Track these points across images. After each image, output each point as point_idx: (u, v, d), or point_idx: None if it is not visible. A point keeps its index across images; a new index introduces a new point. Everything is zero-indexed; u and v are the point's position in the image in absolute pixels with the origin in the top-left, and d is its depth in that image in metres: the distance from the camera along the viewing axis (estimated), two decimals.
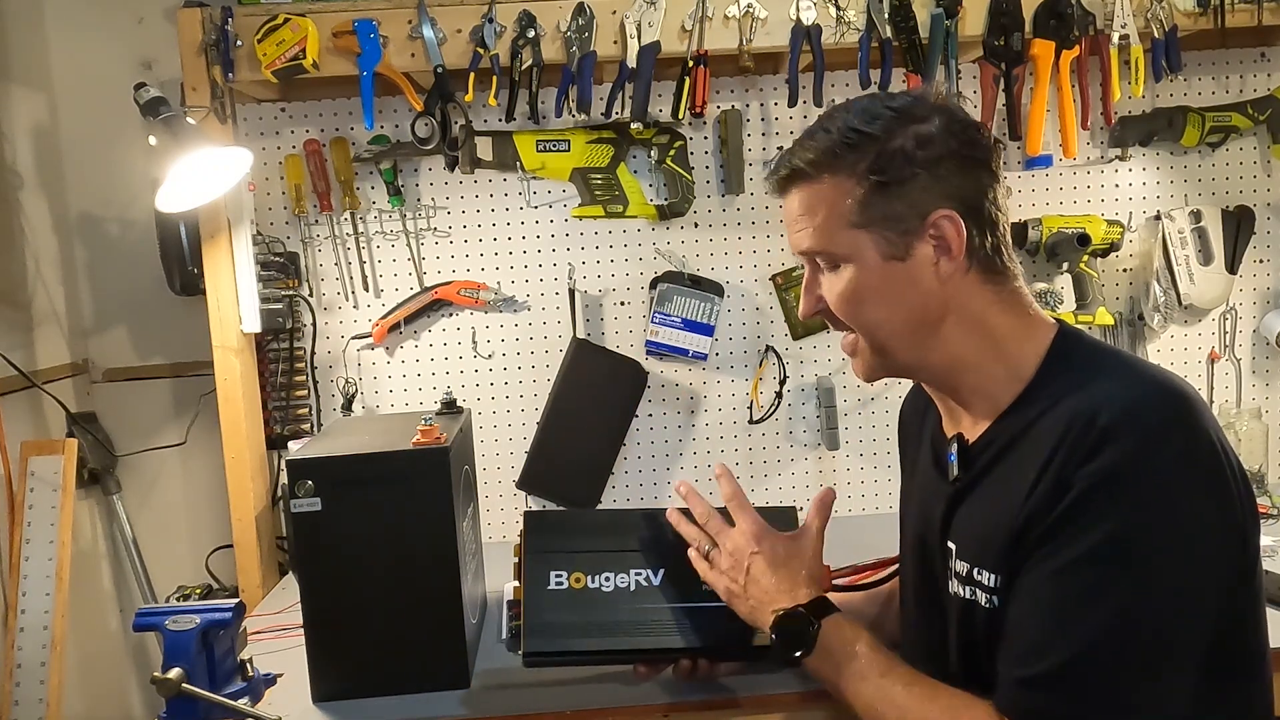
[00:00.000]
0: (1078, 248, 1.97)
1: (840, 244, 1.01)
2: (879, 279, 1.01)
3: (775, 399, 2.08)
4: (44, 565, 1.77)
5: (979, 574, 0.99)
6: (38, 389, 1.90)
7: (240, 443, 1.88)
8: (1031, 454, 0.95)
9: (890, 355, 1.05)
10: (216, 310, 1.86)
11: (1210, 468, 0.89)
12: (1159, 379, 0.95)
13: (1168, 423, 0.90)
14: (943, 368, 1.04)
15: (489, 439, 2.06)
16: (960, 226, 0.98)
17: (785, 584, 1.14)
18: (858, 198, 0.99)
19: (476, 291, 2.02)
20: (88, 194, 2.06)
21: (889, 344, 1.04)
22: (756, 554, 1.16)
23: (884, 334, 1.04)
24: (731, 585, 1.17)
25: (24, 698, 1.72)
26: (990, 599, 0.98)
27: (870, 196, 0.99)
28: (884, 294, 1.01)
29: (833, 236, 1.01)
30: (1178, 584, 0.88)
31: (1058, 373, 1.00)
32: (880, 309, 1.02)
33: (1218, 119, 2.02)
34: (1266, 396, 2.12)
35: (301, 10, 1.77)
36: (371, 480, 1.30)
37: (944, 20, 1.81)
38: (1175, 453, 0.88)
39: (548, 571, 1.26)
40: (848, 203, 1.00)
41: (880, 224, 0.99)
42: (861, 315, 1.04)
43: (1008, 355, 1.02)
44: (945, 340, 1.02)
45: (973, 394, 1.04)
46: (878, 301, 1.02)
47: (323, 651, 1.33)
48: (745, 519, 1.20)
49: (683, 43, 1.82)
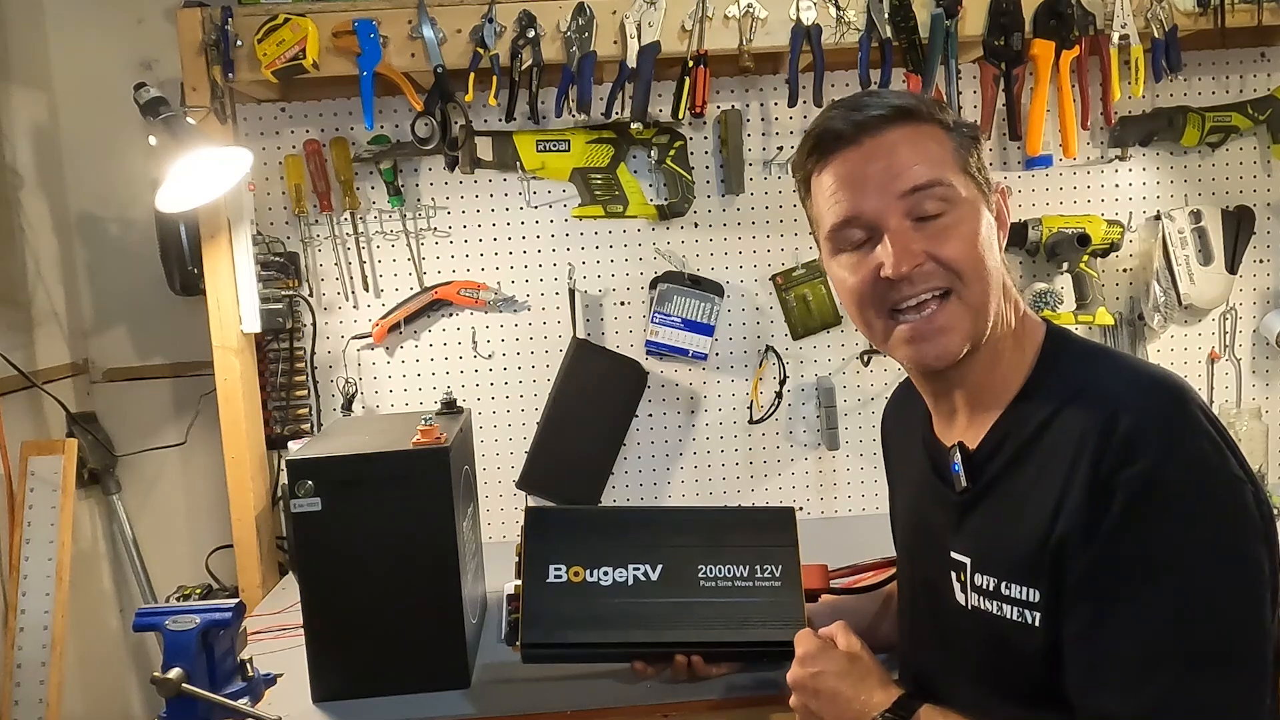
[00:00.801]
0: (1078, 248, 1.97)
1: (960, 183, 0.98)
2: (986, 227, 0.99)
3: (775, 399, 2.08)
4: (44, 565, 1.77)
5: (1009, 588, 0.96)
6: (38, 389, 1.90)
7: (240, 443, 1.88)
8: (1050, 461, 0.93)
9: (986, 315, 0.98)
10: (216, 310, 1.86)
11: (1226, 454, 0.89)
12: (1155, 375, 0.95)
13: (1183, 418, 0.90)
14: (989, 348, 1.01)
15: (489, 439, 2.06)
16: (1008, 200, 1.03)
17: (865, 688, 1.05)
18: (962, 145, 1.00)
19: (476, 291, 2.02)
20: (88, 194, 2.06)
21: (990, 298, 0.98)
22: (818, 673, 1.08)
23: (991, 285, 0.98)
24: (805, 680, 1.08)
25: (24, 698, 1.72)
26: (1022, 614, 0.95)
27: (970, 149, 1.00)
28: (989, 244, 0.99)
29: (954, 174, 0.98)
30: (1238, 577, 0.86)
31: (1054, 372, 0.99)
32: (990, 257, 0.98)
33: (1218, 119, 2.02)
34: (1266, 396, 2.12)
35: (301, 10, 1.77)
36: (371, 480, 1.30)
37: (944, 20, 1.81)
38: (1200, 447, 0.88)
39: (547, 565, 1.27)
40: (954, 147, 0.99)
41: (978, 177, 1.00)
42: (984, 264, 0.97)
43: (1014, 348, 1.02)
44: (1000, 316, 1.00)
45: (980, 387, 1.03)
46: (987, 250, 0.98)
47: (323, 651, 1.33)
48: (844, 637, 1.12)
49: (683, 43, 1.82)
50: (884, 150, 0.97)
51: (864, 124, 0.97)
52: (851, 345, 2.09)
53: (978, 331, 0.99)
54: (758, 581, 1.27)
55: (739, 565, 1.28)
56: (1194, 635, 0.86)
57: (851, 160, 0.98)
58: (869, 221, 0.98)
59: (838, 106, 1.01)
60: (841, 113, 0.99)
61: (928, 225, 0.97)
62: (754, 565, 1.27)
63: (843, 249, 1.01)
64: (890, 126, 0.97)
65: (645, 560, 1.27)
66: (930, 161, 0.97)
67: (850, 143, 0.98)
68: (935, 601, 1.07)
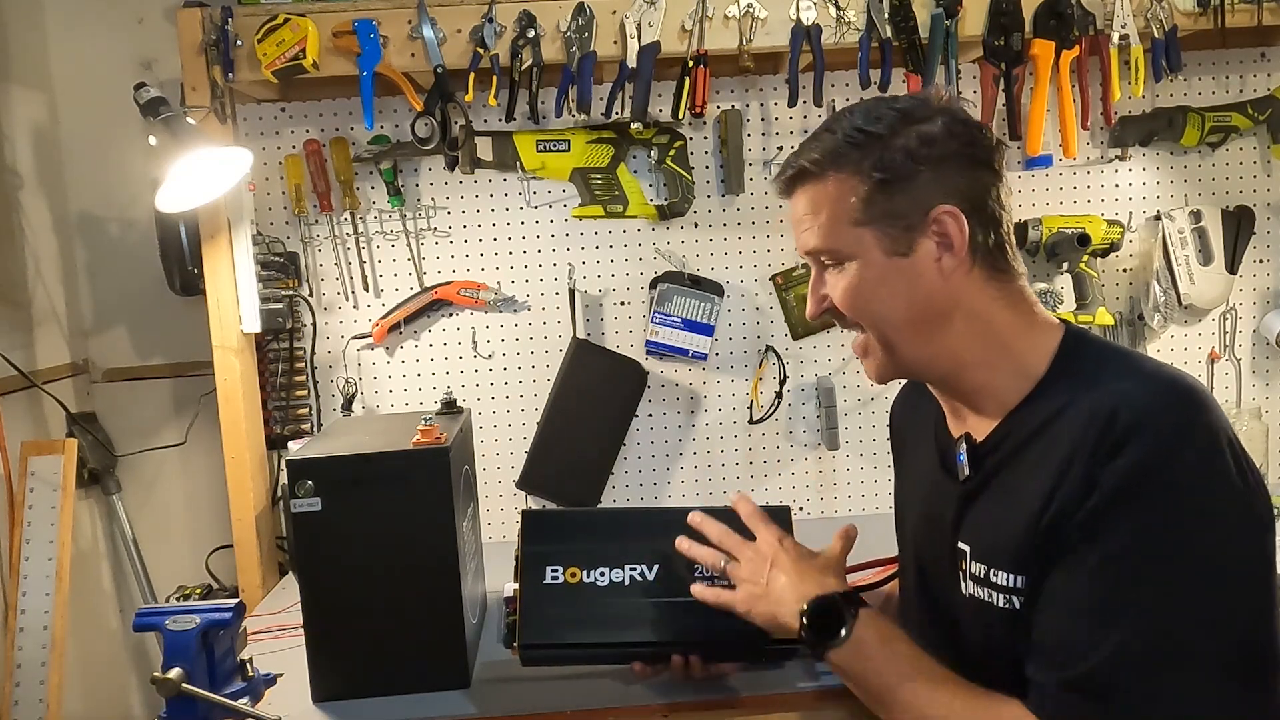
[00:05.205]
0: (1078, 248, 1.97)
1: (844, 241, 1.02)
2: (882, 274, 1.01)
3: (775, 399, 2.08)
4: (44, 565, 1.77)
5: (995, 575, 0.98)
6: (38, 389, 1.90)
7: (240, 443, 1.88)
8: (1049, 453, 0.94)
9: (899, 353, 1.05)
10: (216, 310, 1.86)
11: (1228, 463, 0.89)
12: (1171, 376, 0.95)
13: (1187, 420, 0.90)
14: (951, 365, 1.04)
15: (489, 439, 2.06)
16: (962, 222, 0.99)
17: (813, 575, 1.11)
18: (861, 195, 1.00)
19: (476, 291, 2.02)
20: (88, 194, 2.06)
21: (896, 340, 1.04)
22: (781, 551, 1.15)
23: (890, 329, 1.04)
24: (753, 589, 1.14)
25: (24, 698, 1.72)
26: (1009, 600, 0.97)
27: (874, 194, 1.00)
28: (888, 289, 1.01)
29: (837, 234, 1.02)
30: (1209, 581, 0.87)
31: (1068, 372, 1.00)
32: (885, 304, 1.02)
33: (1218, 119, 2.02)
34: (1266, 396, 2.12)
35: (301, 10, 1.77)
36: (371, 480, 1.30)
37: (944, 20, 1.81)
38: (1197, 450, 0.88)
39: (544, 567, 1.27)
40: (851, 200, 1.01)
41: (883, 220, 1.00)
42: (868, 311, 1.04)
43: (1014, 353, 1.02)
44: (952, 337, 1.02)
45: (980, 392, 1.04)
46: (883, 297, 1.02)
47: (323, 651, 1.33)
48: (767, 529, 1.19)
49: (683, 43, 1.82)
50: (795, 211, 1.07)
51: (784, 184, 1.08)
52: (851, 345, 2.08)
53: (900, 363, 1.06)
54: None
55: None
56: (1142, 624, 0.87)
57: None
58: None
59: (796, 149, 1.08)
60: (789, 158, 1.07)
61: (830, 275, 1.06)
62: None
63: None
64: (798, 187, 1.06)
65: (641, 560, 1.27)
66: (818, 227, 1.03)
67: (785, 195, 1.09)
68: (943, 595, 1.08)
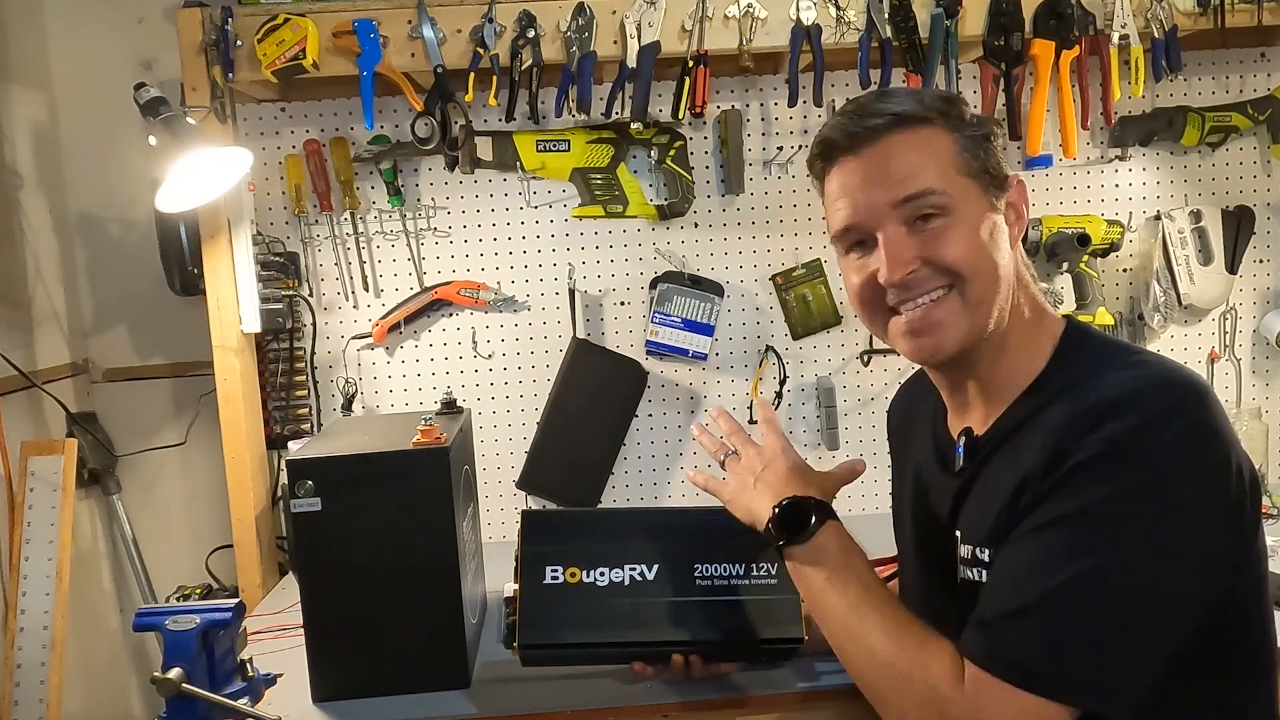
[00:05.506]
0: (1078, 248, 1.97)
1: (955, 185, 1.00)
2: (989, 227, 1.01)
3: (775, 399, 2.08)
4: (44, 565, 1.77)
5: (980, 553, 1.00)
6: (38, 389, 1.90)
7: (240, 443, 1.88)
8: (1035, 435, 0.95)
9: (987, 311, 1.00)
10: (216, 310, 1.86)
11: (1210, 453, 0.89)
12: (1170, 369, 0.96)
13: (1172, 407, 0.90)
14: (996, 341, 1.03)
15: (489, 439, 2.06)
16: (1025, 191, 1.04)
17: (798, 482, 1.12)
18: (965, 146, 1.01)
19: (476, 291, 2.02)
20: (88, 194, 2.06)
21: (993, 297, 1.00)
22: (779, 457, 1.16)
23: (993, 284, 1.00)
24: (743, 482, 1.16)
25: (24, 698, 1.72)
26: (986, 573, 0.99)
27: (975, 147, 1.01)
28: (994, 242, 1.01)
29: (949, 179, 1.00)
30: (1158, 556, 0.87)
31: (1068, 364, 1.01)
32: (997, 254, 1.01)
33: (1218, 119, 2.02)
34: (1266, 396, 2.12)
35: (301, 10, 1.77)
36: (371, 480, 1.30)
37: (944, 20, 1.81)
38: (1175, 434, 0.88)
39: (544, 567, 1.27)
40: (957, 149, 1.01)
41: (983, 176, 1.01)
42: (984, 259, 1.00)
43: (1028, 341, 1.03)
44: (1011, 310, 1.02)
45: (993, 379, 1.04)
46: (996, 246, 1.01)
47: (323, 651, 1.33)
48: (775, 439, 1.20)
49: (683, 43, 1.82)
50: (879, 159, 1.00)
51: (860, 135, 1.01)
52: (851, 345, 2.09)
53: (976, 327, 1.01)
54: (754, 580, 1.27)
55: (735, 564, 1.28)
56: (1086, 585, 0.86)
57: (850, 168, 1.03)
58: (866, 229, 1.03)
59: (844, 112, 1.05)
60: (844, 121, 1.03)
61: (924, 229, 1.00)
62: (749, 564, 1.27)
63: (849, 250, 1.06)
64: (886, 134, 1.00)
65: (641, 560, 1.27)
66: (923, 170, 0.99)
67: (849, 151, 1.02)
68: (943, 587, 1.09)
